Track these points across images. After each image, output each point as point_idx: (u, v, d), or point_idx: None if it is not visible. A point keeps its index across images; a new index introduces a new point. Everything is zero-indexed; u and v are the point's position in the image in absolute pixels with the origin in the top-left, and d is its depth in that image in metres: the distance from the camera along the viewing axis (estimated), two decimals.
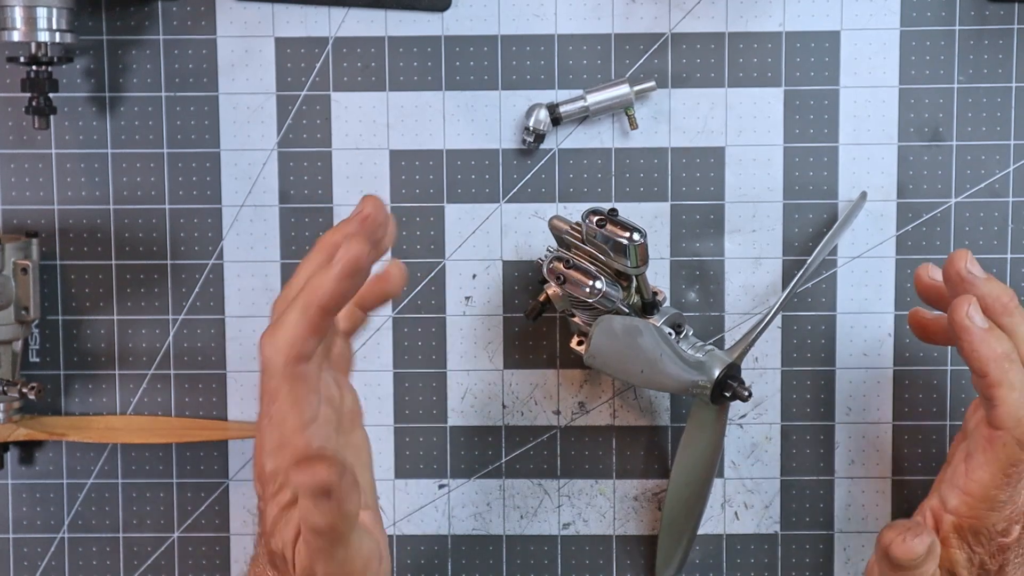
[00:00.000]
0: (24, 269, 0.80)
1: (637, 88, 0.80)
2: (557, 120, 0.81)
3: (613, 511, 0.84)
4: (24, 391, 0.80)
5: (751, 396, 0.76)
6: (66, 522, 0.85)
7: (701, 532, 0.83)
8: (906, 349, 0.82)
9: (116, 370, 0.84)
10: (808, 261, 0.78)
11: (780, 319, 0.82)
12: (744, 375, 0.78)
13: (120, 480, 0.84)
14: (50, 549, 0.85)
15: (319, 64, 0.82)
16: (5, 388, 0.80)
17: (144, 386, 0.84)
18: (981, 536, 0.68)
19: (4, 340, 0.80)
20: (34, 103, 0.78)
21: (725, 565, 0.84)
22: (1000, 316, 0.68)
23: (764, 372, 0.83)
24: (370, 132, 0.83)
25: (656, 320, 0.76)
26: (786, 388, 0.83)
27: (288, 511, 0.61)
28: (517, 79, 0.82)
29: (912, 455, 0.83)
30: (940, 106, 0.81)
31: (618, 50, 0.82)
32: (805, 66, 0.81)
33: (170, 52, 0.82)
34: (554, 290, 0.75)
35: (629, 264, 0.72)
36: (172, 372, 0.84)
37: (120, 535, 0.85)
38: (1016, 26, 0.81)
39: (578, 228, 0.74)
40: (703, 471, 0.80)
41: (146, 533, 0.85)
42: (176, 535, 0.85)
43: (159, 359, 0.84)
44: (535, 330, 0.83)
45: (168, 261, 0.83)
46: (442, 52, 0.82)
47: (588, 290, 0.72)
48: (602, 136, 0.82)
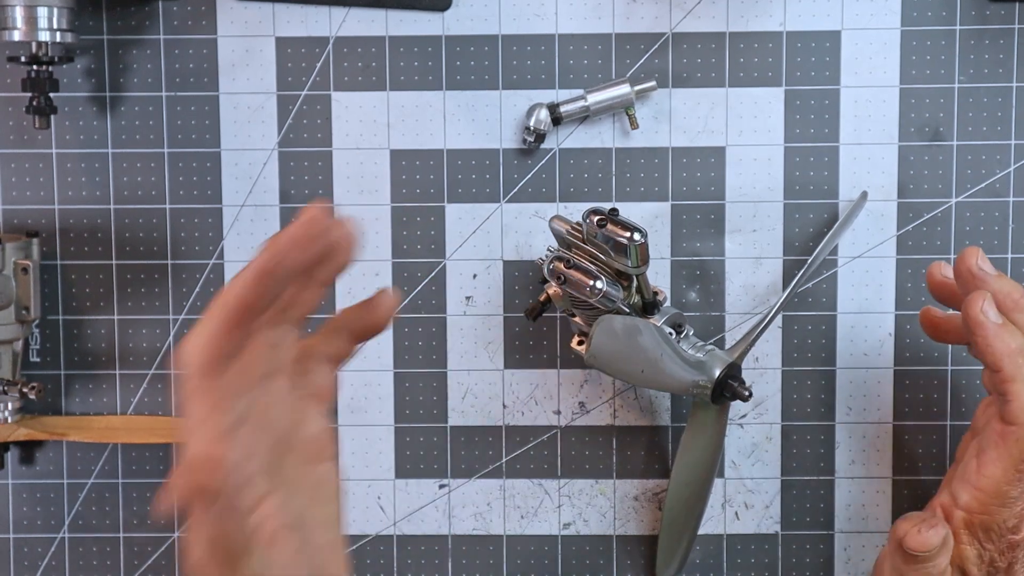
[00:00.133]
0: (25, 269, 0.80)
1: (638, 88, 0.80)
2: (558, 120, 0.81)
3: (613, 511, 0.84)
4: (24, 391, 0.80)
5: (751, 396, 0.76)
6: (66, 522, 0.85)
7: (701, 532, 0.83)
8: (906, 349, 0.82)
9: (116, 370, 0.84)
10: (808, 261, 0.78)
11: (780, 319, 0.82)
12: (744, 375, 0.78)
13: (120, 480, 0.84)
14: (50, 549, 0.85)
15: (320, 64, 0.82)
16: (5, 388, 0.80)
17: (144, 386, 0.84)
18: (992, 533, 0.68)
19: (4, 340, 0.80)
20: (34, 103, 0.78)
21: (725, 565, 0.84)
22: (1011, 312, 0.68)
23: (764, 372, 0.83)
24: (370, 132, 0.83)
25: (657, 320, 0.76)
26: (786, 388, 0.83)
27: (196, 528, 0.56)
28: (518, 79, 0.82)
29: (912, 455, 0.83)
30: (940, 106, 0.81)
31: (619, 50, 0.82)
32: (806, 66, 0.81)
33: (171, 52, 0.82)
34: (554, 290, 0.75)
35: (630, 264, 0.72)
36: (172, 372, 0.84)
37: (120, 535, 0.85)
38: (1016, 26, 0.81)
39: (579, 228, 0.74)
40: (703, 471, 0.80)
41: (146, 533, 0.85)
42: (176, 535, 0.85)
43: (159, 359, 0.84)
44: (535, 330, 0.83)
45: (168, 261, 0.83)
46: (443, 52, 0.82)
47: (588, 290, 0.72)
48: (603, 136, 0.82)
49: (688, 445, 0.80)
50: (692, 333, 0.78)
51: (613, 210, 0.72)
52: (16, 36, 0.76)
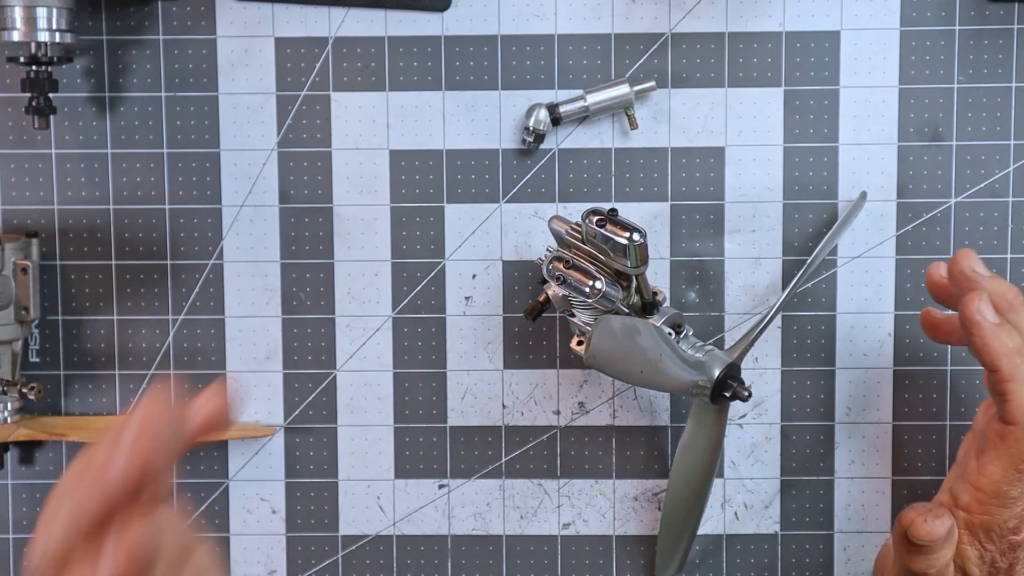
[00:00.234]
0: (24, 269, 0.80)
1: (637, 88, 0.80)
2: (557, 120, 0.81)
3: (613, 511, 0.84)
4: (24, 391, 0.80)
5: (751, 396, 0.76)
6: None
7: (701, 532, 0.83)
8: (906, 349, 0.82)
9: (116, 370, 0.84)
10: (808, 261, 0.78)
11: (780, 319, 0.82)
12: (744, 375, 0.78)
13: None
14: None
15: (319, 64, 0.82)
16: (5, 388, 0.80)
17: (144, 386, 0.84)
18: (992, 533, 0.68)
19: (4, 340, 0.80)
20: (34, 103, 0.78)
21: (725, 565, 0.84)
22: (1006, 313, 0.68)
23: (764, 372, 0.83)
24: (370, 132, 0.82)
25: (656, 320, 0.75)
26: (786, 388, 0.83)
27: None
28: (517, 79, 0.82)
29: (912, 455, 0.83)
30: (940, 106, 0.81)
31: (618, 50, 0.82)
32: (805, 66, 0.81)
33: (170, 52, 0.82)
34: (554, 290, 0.75)
35: (629, 264, 0.72)
36: (172, 372, 0.84)
37: None
38: (1016, 26, 0.81)
39: (578, 228, 0.74)
40: (703, 471, 0.80)
41: None
42: None
43: (159, 359, 0.84)
44: (535, 330, 0.83)
45: (168, 261, 0.83)
46: (442, 52, 0.82)
47: (588, 290, 0.72)
48: (602, 136, 0.82)
49: (688, 445, 0.80)
50: (691, 333, 0.78)
51: (612, 210, 0.72)
52: (16, 36, 0.76)
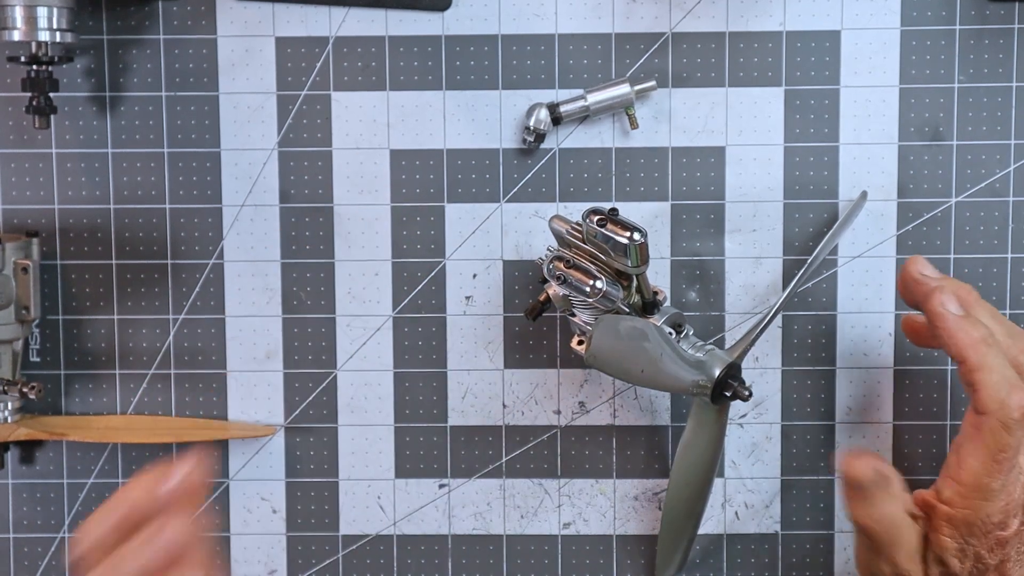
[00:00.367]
0: (24, 269, 0.80)
1: (637, 88, 0.80)
2: (557, 120, 0.81)
3: (613, 511, 0.84)
4: (24, 391, 0.80)
5: (751, 396, 0.76)
6: (66, 522, 0.85)
7: (701, 532, 0.83)
8: (906, 349, 0.82)
9: (116, 370, 0.84)
10: (808, 261, 0.78)
11: (780, 319, 0.82)
12: (744, 375, 0.78)
13: (120, 480, 0.84)
14: (50, 549, 0.85)
15: (319, 64, 0.82)
16: (5, 388, 0.80)
17: (144, 386, 0.84)
18: (975, 528, 0.67)
19: (4, 340, 0.80)
20: (34, 103, 0.78)
21: (725, 565, 0.84)
22: (965, 310, 0.69)
23: (764, 372, 0.83)
24: (370, 132, 0.83)
25: (656, 320, 0.76)
26: (786, 388, 0.83)
27: None
28: (517, 79, 0.82)
29: (912, 455, 0.83)
30: (940, 106, 0.81)
31: (618, 50, 0.82)
32: (805, 66, 0.81)
33: (170, 52, 0.82)
34: (554, 290, 0.75)
35: (629, 264, 0.72)
36: (172, 372, 0.84)
37: None
38: (1016, 26, 0.81)
39: (578, 228, 0.74)
40: (703, 471, 0.80)
41: None
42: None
43: (159, 359, 0.84)
44: (535, 330, 0.83)
45: (168, 261, 0.83)
46: (442, 52, 0.82)
47: (588, 290, 0.72)
48: (602, 136, 0.82)
49: (688, 445, 0.80)
50: (692, 333, 0.78)
51: (613, 210, 0.72)
52: (16, 36, 0.76)
